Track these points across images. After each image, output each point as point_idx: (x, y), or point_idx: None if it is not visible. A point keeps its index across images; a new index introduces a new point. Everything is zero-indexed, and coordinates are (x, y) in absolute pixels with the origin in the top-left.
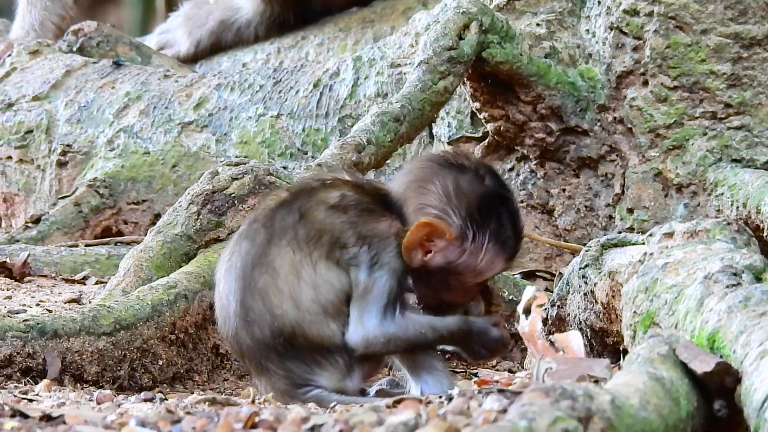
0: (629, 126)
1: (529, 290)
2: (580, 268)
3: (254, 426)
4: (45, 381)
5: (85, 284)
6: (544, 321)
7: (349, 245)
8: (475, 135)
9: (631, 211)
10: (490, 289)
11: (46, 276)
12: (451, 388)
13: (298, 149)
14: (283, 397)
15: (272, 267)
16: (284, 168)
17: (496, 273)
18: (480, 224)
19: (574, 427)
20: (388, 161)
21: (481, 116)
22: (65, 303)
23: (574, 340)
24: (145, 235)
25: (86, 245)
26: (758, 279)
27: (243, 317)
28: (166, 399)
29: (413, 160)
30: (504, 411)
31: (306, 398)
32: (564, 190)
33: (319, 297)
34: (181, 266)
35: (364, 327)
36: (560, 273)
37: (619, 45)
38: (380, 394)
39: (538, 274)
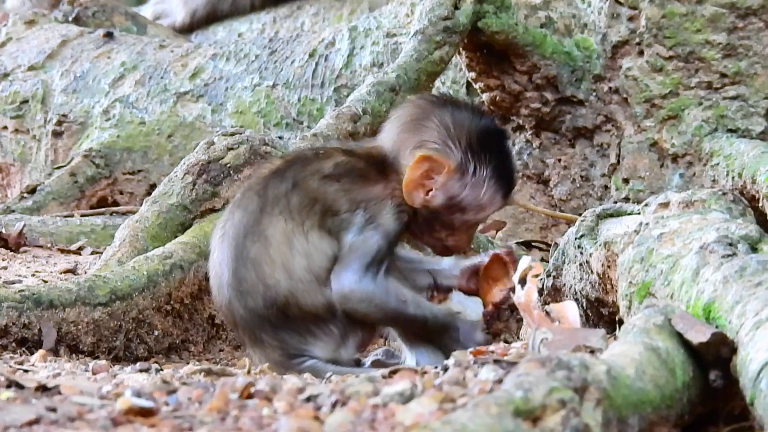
0: (625, 96)
1: (525, 260)
2: (575, 239)
3: (250, 396)
4: (41, 351)
5: (80, 254)
6: (540, 291)
7: (342, 211)
8: None
9: (626, 181)
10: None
11: (41, 246)
12: (447, 358)
13: (294, 119)
14: (277, 367)
15: (264, 236)
16: (280, 138)
17: (496, 209)
18: (480, 157)
19: (570, 398)
20: None
21: (476, 86)
22: (61, 273)
23: (569, 311)
24: (141, 205)
25: (82, 215)
26: (754, 249)
27: (236, 287)
28: (162, 369)
29: (402, 106)
30: (500, 381)
31: (301, 369)
32: (560, 160)
33: (312, 266)
34: (176, 236)
35: (340, 281)
36: (556, 243)
37: (615, 15)
38: (376, 364)
39: (533, 244)
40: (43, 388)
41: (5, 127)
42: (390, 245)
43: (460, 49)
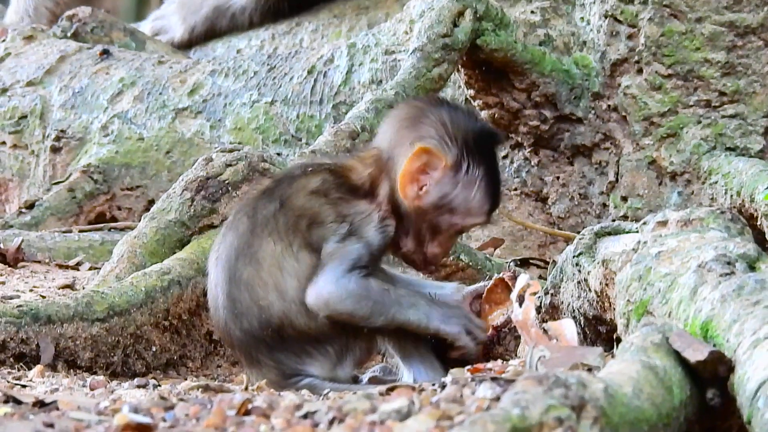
0: (623, 114)
1: (523, 278)
2: (573, 256)
3: (247, 413)
4: (38, 367)
5: (78, 270)
6: (538, 309)
7: (326, 222)
8: None
9: (625, 199)
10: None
11: (39, 262)
12: (444, 375)
13: (293, 136)
14: (274, 387)
15: (255, 258)
16: (278, 154)
17: (481, 221)
18: (475, 157)
19: (567, 416)
20: None
21: (475, 103)
22: (59, 289)
23: (567, 329)
24: (139, 221)
25: (80, 231)
26: (752, 268)
27: (231, 309)
28: (160, 385)
29: (398, 106)
30: (497, 399)
31: (298, 387)
32: (558, 177)
33: (303, 287)
34: (174, 252)
35: (316, 286)
36: (554, 261)
37: (614, 33)
38: (373, 381)
39: (531, 261)
40: (40, 404)
41: (4, 143)
42: (372, 257)
43: (459, 66)
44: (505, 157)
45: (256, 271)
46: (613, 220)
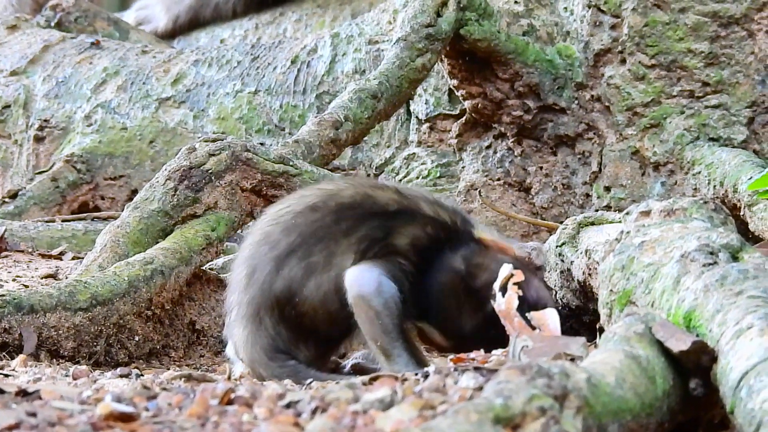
0: (607, 104)
1: (506, 268)
2: (556, 246)
3: (230, 402)
4: (21, 356)
5: (61, 259)
6: (521, 298)
7: (381, 241)
8: (453, 112)
9: (608, 189)
10: None
11: (22, 251)
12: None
13: (276, 125)
14: (260, 353)
15: (332, 259)
16: (261, 144)
17: None
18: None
19: (550, 405)
20: (365, 138)
21: (458, 94)
22: (42, 278)
23: (550, 318)
24: (122, 210)
25: (63, 220)
26: (735, 258)
27: (279, 266)
28: (142, 375)
29: None
30: (480, 389)
31: (282, 368)
32: (541, 167)
33: (343, 309)
34: (157, 242)
35: (361, 274)
36: None
37: (597, 23)
38: (356, 368)
39: None
40: (23, 393)
41: None
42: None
43: (443, 56)
44: (488, 147)
45: (324, 266)
46: (596, 210)
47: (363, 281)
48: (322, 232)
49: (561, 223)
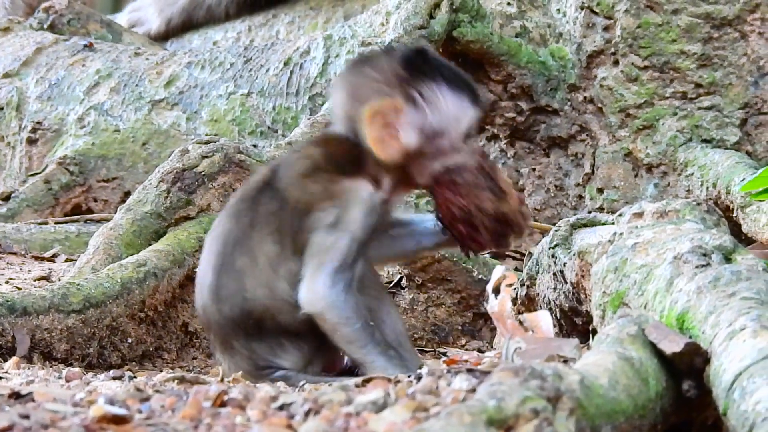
0: (599, 105)
1: (499, 270)
2: (549, 248)
3: (223, 404)
4: (14, 358)
5: (54, 262)
6: (514, 300)
7: (315, 209)
8: None
9: (601, 190)
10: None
11: (15, 253)
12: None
13: (269, 127)
14: (246, 377)
15: (252, 253)
16: (254, 146)
17: (474, 114)
18: (416, 79)
19: (543, 407)
20: None
21: None
22: (35, 280)
23: (543, 320)
24: (115, 212)
25: (56, 223)
26: (728, 259)
27: (216, 293)
28: (135, 377)
29: (330, 99)
30: (473, 390)
31: (272, 379)
32: (534, 169)
33: (294, 291)
34: (150, 244)
35: (313, 285)
36: (530, 253)
37: (590, 24)
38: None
39: (507, 253)
40: (16, 395)
41: None
42: (361, 244)
43: None
44: None
45: (251, 264)
46: (589, 212)
47: (312, 295)
48: (234, 236)
49: (554, 224)
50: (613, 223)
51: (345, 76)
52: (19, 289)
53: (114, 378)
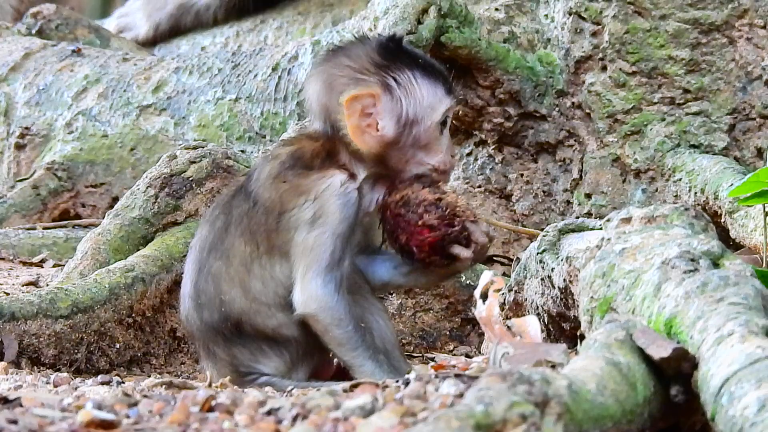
0: (587, 111)
1: (486, 275)
2: (537, 253)
3: (211, 409)
4: (2, 364)
5: (42, 267)
6: (501, 306)
7: (291, 208)
8: None
9: (588, 196)
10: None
11: (3, 259)
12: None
13: (257, 133)
14: (233, 382)
15: (226, 254)
16: (242, 152)
17: (449, 105)
18: (392, 65)
19: (530, 412)
20: None
21: None
22: (23, 286)
23: (531, 325)
24: (103, 218)
25: (44, 228)
26: (715, 265)
27: (195, 299)
28: (123, 382)
29: (304, 90)
30: (461, 395)
31: (257, 384)
32: (522, 175)
33: (268, 291)
34: (138, 249)
35: (306, 288)
36: (518, 258)
37: (578, 30)
38: None
39: (495, 258)
40: (4, 401)
41: None
42: (344, 239)
43: None
44: (469, 154)
45: (225, 266)
46: (577, 217)
47: (305, 297)
48: (210, 242)
49: (542, 230)
50: (600, 229)
51: (319, 66)
52: (7, 294)
53: (102, 383)
